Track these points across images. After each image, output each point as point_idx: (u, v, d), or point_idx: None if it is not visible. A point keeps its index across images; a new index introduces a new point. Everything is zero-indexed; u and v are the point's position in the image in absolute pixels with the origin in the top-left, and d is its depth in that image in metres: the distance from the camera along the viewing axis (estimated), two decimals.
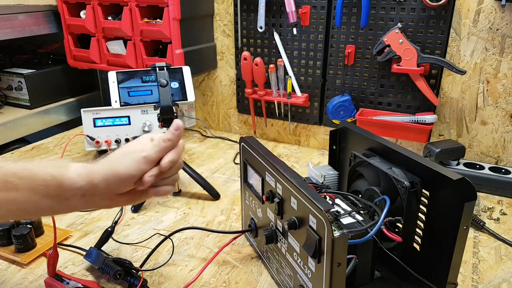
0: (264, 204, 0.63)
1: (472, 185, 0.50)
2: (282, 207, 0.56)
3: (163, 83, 0.84)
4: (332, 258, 0.45)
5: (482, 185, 0.91)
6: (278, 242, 0.60)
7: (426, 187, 0.56)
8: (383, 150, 0.63)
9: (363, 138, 0.67)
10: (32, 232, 0.71)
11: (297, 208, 0.52)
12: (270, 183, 0.59)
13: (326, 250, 0.46)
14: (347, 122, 0.73)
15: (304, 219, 0.50)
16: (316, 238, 0.47)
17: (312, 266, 0.50)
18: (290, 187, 0.53)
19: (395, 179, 0.57)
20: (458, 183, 0.51)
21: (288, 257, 0.57)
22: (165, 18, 1.04)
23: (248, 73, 1.13)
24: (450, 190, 0.52)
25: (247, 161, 0.67)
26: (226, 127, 1.33)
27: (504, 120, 0.96)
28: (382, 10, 0.98)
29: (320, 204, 0.46)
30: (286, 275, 0.59)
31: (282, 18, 1.10)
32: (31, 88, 1.25)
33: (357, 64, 1.05)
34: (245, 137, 0.67)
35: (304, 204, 0.49)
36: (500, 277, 0.65)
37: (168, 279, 0.65)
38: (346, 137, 0.72)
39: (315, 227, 0.48)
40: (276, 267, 0.62)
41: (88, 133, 1.05)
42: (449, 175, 0.52)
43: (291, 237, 0.55)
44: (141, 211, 0.85)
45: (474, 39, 0.93)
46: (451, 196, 0.52)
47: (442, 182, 0.53)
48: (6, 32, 1.12)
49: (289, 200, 0.53)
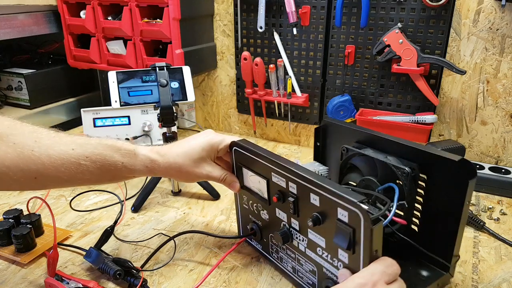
0: (271, 205, 0.63)
1: (471, 163, 0.54)
2: (297, 205, 0.57)
3: (163, 83, 0.84)
4: (371, 247, 0.47)
5: (482, 185, 0.91)
6: (294, 240, 0.60)
7: (423, 171, 0.60)
8: (373, 141, 0.66)
9: (349, 132, 0.70)
10: (32, 232, 0.71)
11: (319, 204, 0.53)
12: (279, 183, 0.59)
13: (363, 240, 0.47)
14: (331, 119, 0.75)
15: (329, 214, 0.52)
16: (350, 230, 0.48)
17: (344, 257, 0.52)
18: (309, 185, 0.53)
19: (394, 166, 0.60)
20: (460, 163, 0.55)
21: (309, 253, 0.58)
22: (165, 18, 1.04)
23: (248, 73, 1.13)
24: (453, 170, 0.56)
25: (243, 165, 0.66)
26: (226, 127, 1.33)
27: (504, 120, 0.96)
28: (382, 10, 0.98)
29: (352, 197, 0.47)
30: (306, 271, 0.60)
31: (282, 18, 1.10)
32: (31, 88, 1.25)
33: (357, 64, 1.05)
34: (237, 141, 0.66)
35: (329, 199, 0.50)
36: (500, 277, 0.65)
37: (168, 279, 0.65)
38: (331, 133, 0.74)
39: (346, 220, 0.49)
40: (292, 265, 0.63)
41: (88, 133, 1.05)
42: (450, 157, 0.56)
43: (312, 233, 0.56)
44: (141, 211, 0.85)
45: (474, 39, 0.93)
46: (453, 176, 0.56)
47: (443, 164, 0.57)
48: (6, 32, 1.12)
49: (307, 198, 0.54)
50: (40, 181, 0.55)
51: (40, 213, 0.77)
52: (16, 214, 0.75)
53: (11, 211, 0.76)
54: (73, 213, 0.84)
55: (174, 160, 0.64)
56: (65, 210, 0.85)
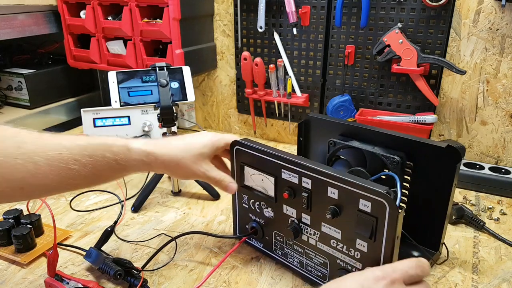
0: (277, 202, 0.63)
1: (456, 148, 0.60)
2: (310, 200, 0.58)
3: (163, 83, 0.84)
4: (394, 234, 0.50)
5: (482, 185, 0.91)
6: (303, 235, 0.61)
7: (409, 159, 0.64)
8: (357, 133, 0.69)
9: (333, 126, 0.73)
10: (32, 232, 0.71)
11: (338, 196, 0.54)
12: (291, 179, 0.60)
13: (387, 228, 0.50)
14: (314, 113, 0.78)
15: (347, 206, 0.54)
16: (373, 219, 0.51)
17: (362, 247, 0.54)
18: (326, 179, 0.55)
19: (383, 156, 0.64)
20: (447, 149, 0.60)
21: (320, 246, 0.60)
22: (165, 18, 1.04)
23: (248, 73, 1.13)
24: (440, 156, 0.61)
25: (245, 164, 0.66)
26: (226, 127, 1.33)
27: (504, 120, 0.96)
28: (382, 10, 0.98)
29: (377, 188, 0.50)
30: (316, 264, 0.61)
31: (282, 18, 1.10)
32: (31, 88, 1.25)
33: (357, 64, 1.05)
34: (239, 140, 0.66)
35: (350, 191, 0.52)
36: (500, 277, 0.65)
37: (168, 279, 0.65)
38: (314, 127, 0.76)
39: (368, 210, 0.51)
40: (300, 260, 0.64)
41: (88, 133, 1.05)
42: (437, 144, 0.61)
43: (326, 226, 0.58)
44: (141, 211, 0.85)
45: (474, 39, 0.93)
46: (441, 161, 0.61)
47: (430, 151, 0.62)
48: (6, 32, 1.12)
49: (324, 192, 0.56)
50: (27, 191, 0.51)
51: (40, 213, 0.77)
52: (16, 214, 0.75)
53: (11, 211, 0.76)
54: (73, 213, 0.84)
55: (175, 152, 0.61)
56: (65, 210, 0.85)
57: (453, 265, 0.68)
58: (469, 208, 0.81)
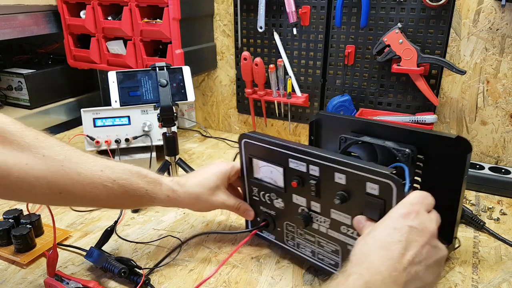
0: (287, 192, 0.64)
1: (466, 139, 0.61)
2: (319, 187, 0.59)
3: (163, 83, 0.84)
4: None
5: (482, 185, 0.91)
6: (314, 223, 0.62)
7: (419, 151, 0.65)
8: (368, 128, 0.70)
9: (344, 123, 0.73)
10: (32, 232, 0.71)
11: (345, 182, 0.55)
12: (298, 168, 0.61)
13: None
14: (325, 112, 0.77)
15: (355, 190, 0.54)
16: (381, 202, 0.51)
17: None
18: (334, 164, 0.56)
19: (395, 149, 0.64)
20: (457, 140, 0.61)
21: (331, 234, 0.60)
22: (165, 18, 1.04)
23: (248, 73, 1.13)
24: (450, 147, 0.61)
25: (254, 156, 0.68)
26: (226, 127, 1.33)
27: (504, 120, 0.96)
28: (382, 10, 0.98)
29: (383, 170, 0.51)
30: (329, 252, 0.62)
31: (282, 18, 1.10)
32: (31, 88, 1.25)
33: (357, 64, 1.05)
34: (248, 132, 0.68)
35: (357, 175, 0.53)
36: (500, 277, 0.65)
37: (168, 279, 0.65)
38: (326, 125, 0.76)
39: (376, 193, 0.52)
40: (312, 249, 0.64)
41: (88, 133, 1.05)
42: (447, 135, 0.62)
43: (336, 212, 0.58)
44: (141, 211, 0.85)
45: (474, 39, 0.93)
46: (451, 153, 0.61)
47: (440, 143, 0.63)
48: (6, 32, 1.12)
49: (331, 178, 0.57)
50: (65, 197, 0.55)
51: (40, 213, 0.77)
52: (16, 214, 0.75)
53: (11, 211, 0.76)
54: (73, 213, 0.84)
55: (193, 190, 0.67)
56: (65, 210, 0.85)
57: (453, 265, 0.68)
58: (469, 208, 0.81)
